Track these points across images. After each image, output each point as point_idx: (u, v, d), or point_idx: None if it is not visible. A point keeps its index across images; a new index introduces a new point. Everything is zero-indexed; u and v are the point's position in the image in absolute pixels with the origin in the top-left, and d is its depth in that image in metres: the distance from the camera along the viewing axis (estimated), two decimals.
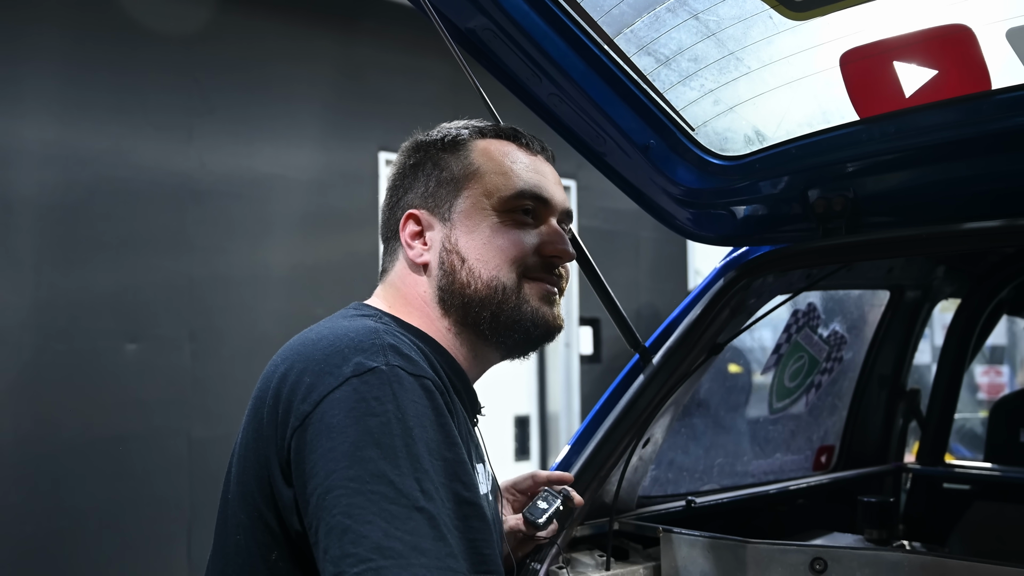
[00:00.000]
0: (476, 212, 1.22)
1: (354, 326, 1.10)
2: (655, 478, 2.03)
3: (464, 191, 1.23)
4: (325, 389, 1.01)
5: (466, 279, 1.20)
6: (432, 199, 1.24)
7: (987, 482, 2.48)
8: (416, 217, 1.24)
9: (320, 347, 1.07)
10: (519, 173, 1.24)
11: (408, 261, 1.24)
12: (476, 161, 1.25)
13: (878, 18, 1.47)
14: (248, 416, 1.13)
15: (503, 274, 1.20)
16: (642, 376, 1.77)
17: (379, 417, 0.98)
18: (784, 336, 2.28)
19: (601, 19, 1.61)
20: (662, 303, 6.12)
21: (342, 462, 0.96)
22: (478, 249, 1.21)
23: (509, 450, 5.51)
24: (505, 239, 1.21)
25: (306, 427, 1.00)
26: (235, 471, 1.13)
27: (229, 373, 4.17)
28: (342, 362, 1.02)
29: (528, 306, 1.22)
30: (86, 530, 3.73)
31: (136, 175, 3.97)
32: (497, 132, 1.30)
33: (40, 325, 3.70)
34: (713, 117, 1.71)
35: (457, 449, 1.03)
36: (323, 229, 4.57)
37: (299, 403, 1.03)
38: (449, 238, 1.22)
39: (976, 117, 1.45)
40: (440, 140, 1.28)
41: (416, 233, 1.24)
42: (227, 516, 1.14)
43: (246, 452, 1.11)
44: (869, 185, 1.64)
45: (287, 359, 1.10)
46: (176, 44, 4.07)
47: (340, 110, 4.67)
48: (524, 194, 1.23)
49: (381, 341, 1.05)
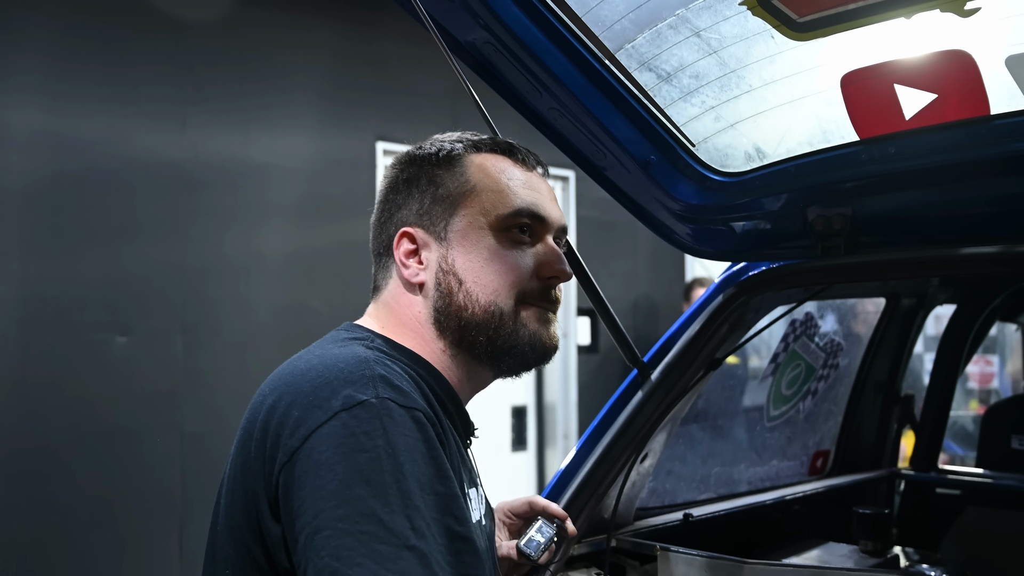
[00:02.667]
0: (473, 231, 1.19)
1: (344, 355, 1.07)
2: (652, 489, 2.04)
3: (460, 209, 1.20)
4: (313, 424, 0.99)
5: (463, 302, 1.18)
6: (427, 217, 1.21)
7: (979, 488, 2.50)
8: (411, 235, 1.21)
9: (309, 378, 1.05)
10: (516, 191, 1.22)
11: (403, 280, 1.22)
12: (472, 178, 1.22)
13: (880, 41, 1.46)
14: (236, 447, 1.11)
15: (501, 299, 1.18)
16: (640, 392, 1.77)
17: (368, 453, 0.96)
18: (782, 345, 2.29)
19: (602, 34, 1.60)
20: (660, 294, 6.12)
21: (330, 501, 0.94)
22: (476, 271, 1.18)
23: (506, 440, 5.52)
24: (503, 262, 1.19)
25: (294, 463, 0.98)
26: (224, 503, 1.11)
27: (222, 366, 4.14)
28: (331, 395, 1.00)
29: (525, 330, 1.20)
30: (76, 525, 3.70)
31: (128, 165, 3.92)
32: (492, 146, 1.26)
33: (28, 318, 3.65)
34: (714, 134, 1.70)
35: (449, 483, 1.02)
36: (319, 219, 4.53)
37: (287, 438, 1.00)
38: (446, 258, 1.19)
39: (975, 141, 1.45)
40: (434, 155, 1.25)
41: (411, 251, 1.21)
42: (215, 549, 1.12)
43: (234, 485, 1.09)
44: (868, 205, 1.64)
45: (275, 389, 1.07)
46: (169, 31, 4.01)
47: (337, 99, 4.62)
48: (521, 212, 1.21)
49: (371, 372, 1.03)
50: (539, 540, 1.39)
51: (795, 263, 1.74)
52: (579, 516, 1.70)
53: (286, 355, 1.23)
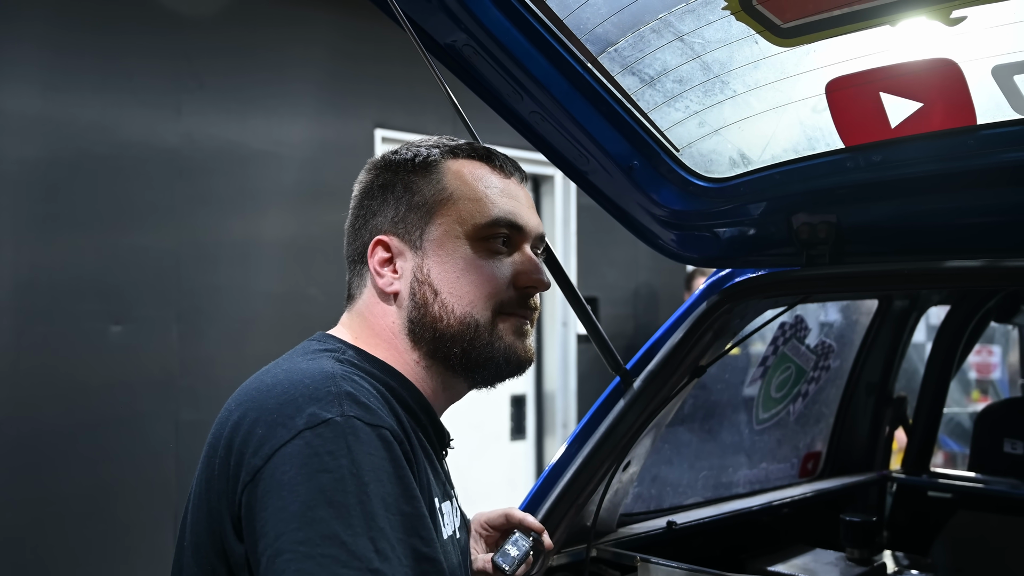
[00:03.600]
0: (449, 240, 1.17)
1: (311, 370, 1.05)
2: (638, 494, 2.02)
3: (436, 217, 1.18)
4: (277, 442, 0.97)
5: (438, 313, 1.16)
6: (402, 224, 1.19)
7: (971, 492, 2.47)
8: (385, 244, 1.19)
9: (274, 394, 1.03)
10: (493, 199, 1.19)
11: (377, 289, 1.19)
12: (448, 185, 1.19)
13: (865, 48, 1.43)
14: (202, 463, 1.10)
15: (477, 311, 1.16)
16: (623, 400, 1.75)
17: (332, 473, 0.94)
18: (771, 348, 2.27)
19: (584, 37, 1.57)
20: (660, 282, 6.09)
21: (292, 523, 0.93)
22: (451, 282, 1.16)
23: (506, 430, 5.52)
24: (479, 273, 1.16)
25: (257, 483, 0.97)
26: (189, 519, 1.10)
27: (217, 355, 4.13)
28: (295, 413, 0.99)
29: (501, 343, 1.17)
30: (71, 516, 3.71)
31: (123, 152, 3.89)
32: (470, 152, 1.23)
33: (21, 307, 3.63)
34: (698, 139, 1.67)
35: (416, 503, 1.00)
36: (316, 207, 4.50)
37: (250, 456, 0.99)
38: (421, 268, 1.17)
39: (961, 151, 1.42)
40: (410, 161, 1.21)
41: (385, 260, 1.19)
42: (182, 565, 1.11)
43: (199, 502, 1.07)
44: (853, 213, 1.61)
45: (241, 405, 1.06)
46: (164, 18, 3.97)
47: (334, 85, 4.58)
48: (499, 222, 1.18)
49: (337, 389, 1.01)
50: (514, 554, 1.38)
51: (780, 271, 1.72)
52: (559, 527, 1.69)
53: (282, 343, 1.22)
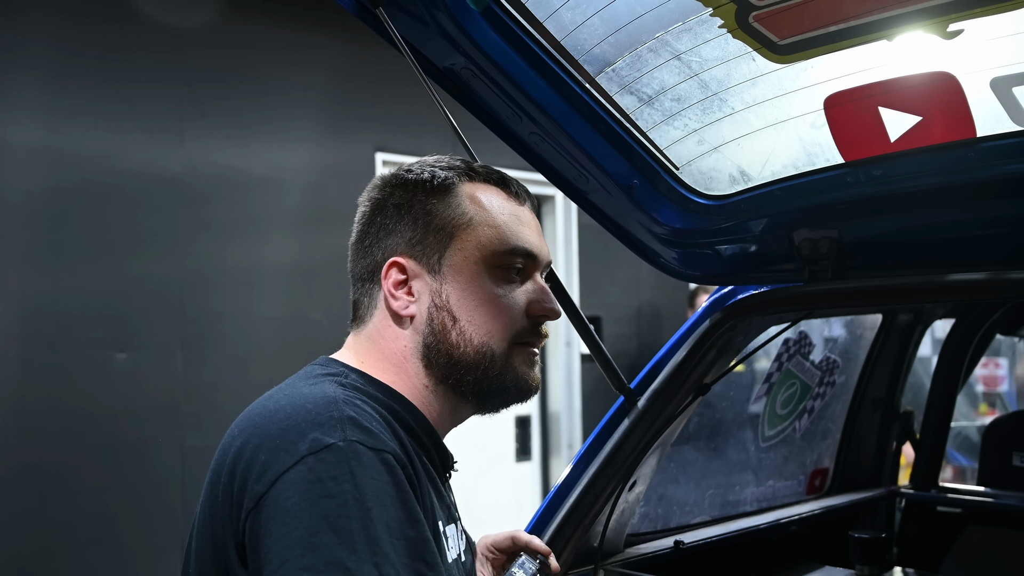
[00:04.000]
0: (467, 267, 1.17)
1: (312, 395, 1.05)
2: (644, 514, 2.01)
3: (455, 242, 1.17)
4: (280, 468, 0.97)
5: (456, 340, 1.16)
6: (420, 247, 1.17)
7: (981, 507, 2.45)
8: (401, 265, 1.17)
9: (276, 420, 1.03)
10: (511, 228, 1.19)
11: (390, 311, 1.18)
12: (468, 210, 1.18)
13: (863, 63, 1.44)
14: (205, 489, 1.10)
15: (494, 341, 1.16)
16: (628, 419, 1.74)
17: (335, 499, 0.94)
18: (775, 365, 2.26)
19: (582, 58, 1.57)
20: (663, 300, 6.08)
21: (296, 550, 0.92)
22: (470, 310, 1.16)
23: (511, 450, 5.50)
24: (497, 303, 1.17)
25: (260, 509, 0.97)
26: (194, 546, 1.10)
27: (222, 381, 4.13)
28: (298, 438, 0.98)
29: (513, 373, 1.18)
30: (78, 544, 3.70)
31: (126, 180, 3.91)
32: (485, 176, 1.23)
33: (27, 335, 3.64)
34: (697, 157, 1.68)
35: (420, 527, 1.00)
36: (318, 231, 4.52)
37: (253, 483, 0.99)
38: (440, 293, 1.16)
39: (961, 164, 1.42)
40: (428, 182, 1.20)
41: (400, 282, 1.17)
42: None
43: (203, 529, 1.07)
44: (855, 228, 1.61)
45: (244, 431, 1.06)
46: (166, 47, 4.01)
47: (335, 111, 4.60)
48: (518, 251, 1.19)
49: (339, 413, 1.01)
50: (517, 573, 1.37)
51: (782, 288, 1.71)
52: (565, 548, 1.68)
53: (287, 368, 1.22)
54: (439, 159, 1.26)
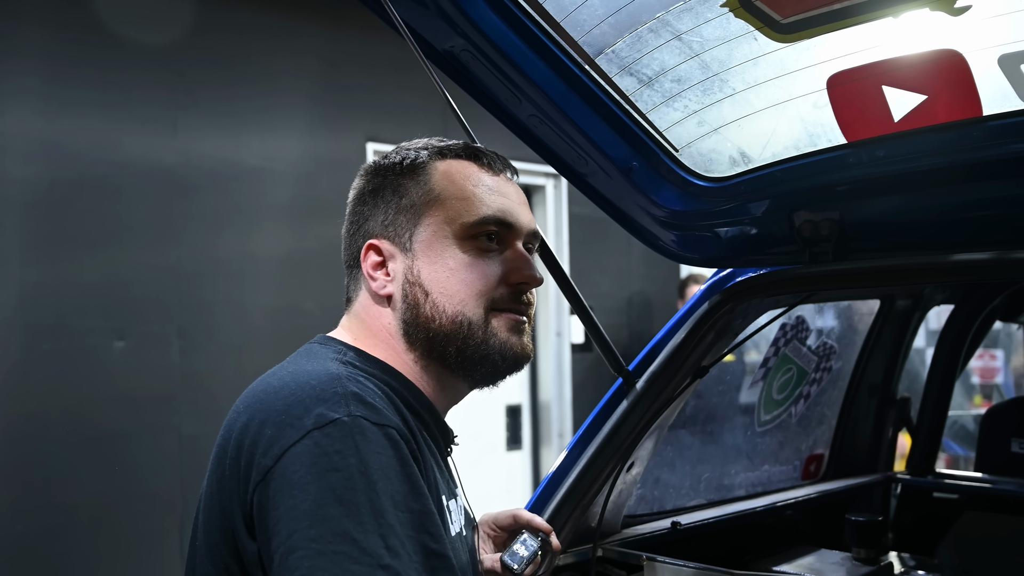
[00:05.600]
0: (437, 241, 1.18)
1: (316, 372, 1.07)
2: (641, 496, 2.01)
3: (424, 218, 1.19)
4: (286, 443, 0.99)
5: (430, 313, 1.17)
6: (392, 227, 1.20)
7: (978, 493, 2.46)
8: (377, 247, 1.20)
9: (281, 396, 1.04)
10: (482, 197, 1.19)
11: (371, 292, 1.21)
12: (436, 186, 1.20)
13: (867, 42, 1.43)
14: (212, 464, 1.11)
15: (468, 309, 1.16)
16: (626, 401, 1.74)
17: (341, 472, 0.96)
18: (772, 350, 2.26)
19: (582, 39, 1.56)
20: (653, 290, 6.09)
21: (303, 521, 0.94)
22: (441, 282, 1.17)
23: (501, 440, 5.50)
24: (470, 271, 1.17)
25: (268, 482, 0.99)
26: (201, 519, 1.12)
27: (218, 368, 4.14)
28: (303, 413, 1.00)
29: (496, 339, 1.17)
30: (78, 528, 3.72)
31: (121, 170, 3.91)
32: (458, 152, 1.24)
33: (27, 323, 3.66)
34: (697, 138, 1.67)
35: (424, 500, 1.01)
36: (311, 221, 4.52)
37: (260, 456, 1.01)
38: (411, 269, 1.18)
39: (967, 143, 1.41)
40: (399, 164, 1.23)
41: (378, 264, 1.20)
42: (195, 565, 1.12)
43: (210, 502, 1.09)
44: (857, 209, 1.60)
45: (249, 407, 1.07)
46: (159, 38, 3.99)
47: (326, 100, 4.60)
48: (488, 220, 1.18)
49: (343, 389, 1.03)
50: (523, 554, 1.37)
51: (782, 270, 1.71)
52: (564, 527, 1.68)
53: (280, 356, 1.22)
54: (416, 141, 1.27)
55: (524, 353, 1.21)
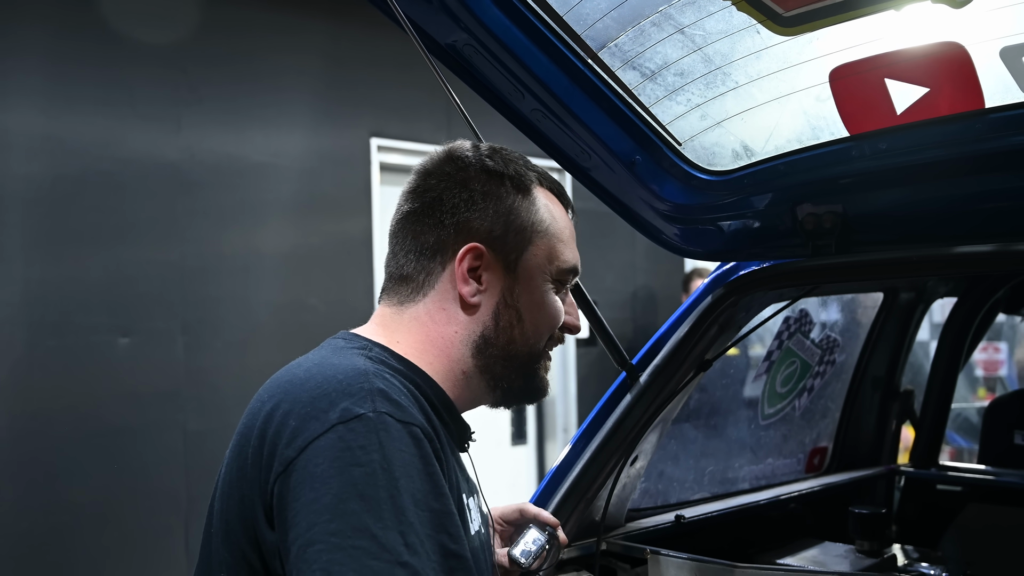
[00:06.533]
0: (539, 274, 1.21)
1: (343, 365, 1.07)
2: (645, 490, 2.02)
3: (532, 247, 1.20)
4: (310, 435, 0.99)
5: (517, 337, 1.20)
6: (500, 242, 1.19)
7: (981, 485, 2.46)
8: (480, 252, 1.18)
9: (307, 388, 1.05)
10: (572, 245, 1.26)
11: (455, 294, 1.18)
12: (544, 219, 1.22)
13: (869, 34, 1.43)
14: (233, 451, 1.11)
15: (540, 344, 1.22)
16: (629, 395, 1.74)
17: (364, 467, 0.96)
18: (775, 343, 2.26)
19: (584, 33, 1.56)
20: (658, 284, 6.10)
21: (324, 515, 0.94)
22: (534, 313, 1.20)
23: (507, 434, 5.52)
24: (554, 311, 1.22)
25: (289, 474, 0.99)
26: (218, 507, 1.11)
27: (223, 365, 4.15)
28: (328, 407, 1.00)
29: (538, 375, 1.24)
30: (83, 525, 3.74)
31: (124, 167, 3.92)
32: (551, 185, 1.27)
33: (31, 320, 3.68)
34: (700, 132, 1.67)
35: (445, 500, 1.01)
36: (315, 216, 4.53)
37: (283, 447, 1.01)
38: (512, 291, 1.19)
39: (969, 136, 1.41)
40: (512, 177, 1.21)
41: (472, 268, 1.18)
42: (211, 551, 1.12)
43: (230, 490, 1.09)
44: (859, 202, 1.60)
45: (273, 396, 1.08)
46: (162, 34, 4.00)
47: (330, 96, 4.61)
48: (575, 271, 1.25)
49: (370, 385, 1.03)
50: (531, 548, 1.39)
51: (785, 263, 1.71)
52: (568, 520, 1.69)
53: (285, 353, 1.22)
54: (506, 153, 1.25)
55: (546, 390, 1.28)
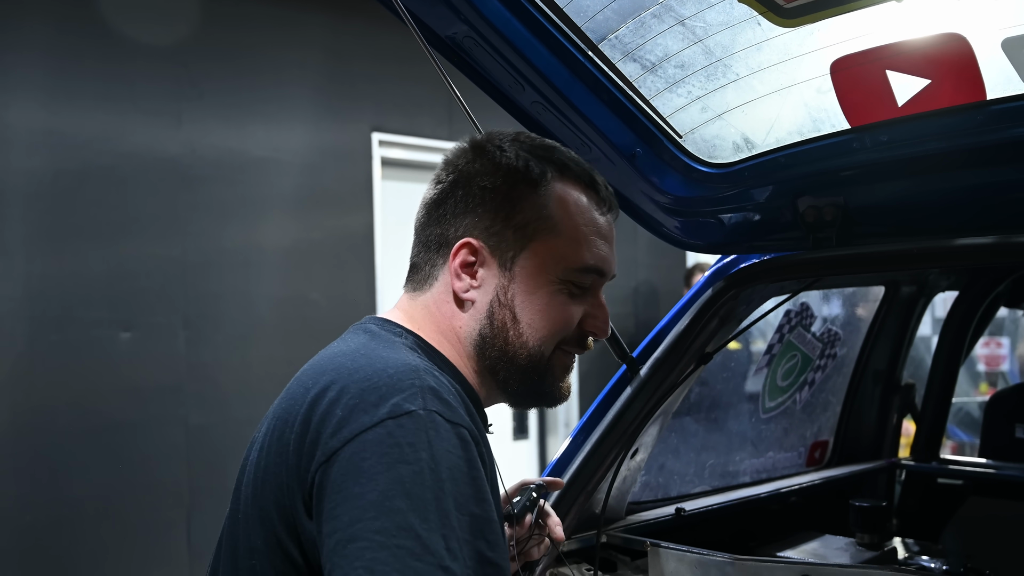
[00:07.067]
0: (540, 274, 1.16)
1: (394, 360, 1.05)
2: (645, 483, 2.02)
3: (533, 244, 1.16)
4: (358, 427, 0.97)
5: (512, 339, 1.17)
6: (497, 238, 1.16)
7: (982, 478, 2.46)
8: (474, 248, 1.16)
9: (357, 379, 1.02)
10: (592, 243, 1.18)
11: (451, 289, 1.18)
12: (553, 213, 1.16)
13: (870, 26, 1.42)
14: (270, 434, 1.08)
15: (545, 346, 1.17)
16: (630, 388, 1.74)
17: (412, 465, 0.94)
18: (776, 336, 2.26)
19: (585, 25, 1.56)
20: (660, 280, 6.09)
21: (369, 511, 0.92)
22: (532, 315, 1.16)
23: (508, 429, 5.52)
24: (559, 312, 1.17)
25: (332, 464, 0.97)
26: (250, 492, 1.08)
27: (224, 359, 4.15)
28: (379, 401, 0.98)
29: (551, 377, 1.20)
30: (85, 519, 3.74)
31: (126, 162, 3.92)
32: (578, 174, 1.20)
33: (33, 315, 3.68)
34: (701, 124, 1.67)
35: (485, 505, 0.99)
36: (316, 211, 4.53)
37: (328, 437, 0.98)
38: (506, 291, 1.16)
39: (971, 128, 1.41)
40: (520, 171, 1.17)
41: (467, 264, 1.17)
42: (237, 538, 1.09)
43: (265, 475, 1.06)
44: (860, 195, 1.60)
45: (319, 381, 1.05)
46: (163, 29, 3.99)
47: (331, 91, 4.60)
48: (588, 270, 1.18)
49: (421, 382, 1.01)
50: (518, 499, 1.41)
51: (786, 255, 1.71)
52: (568, 513, 1.69)
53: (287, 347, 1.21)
54: (534, 142, 1.22)
55: (566, 396, 1.23)
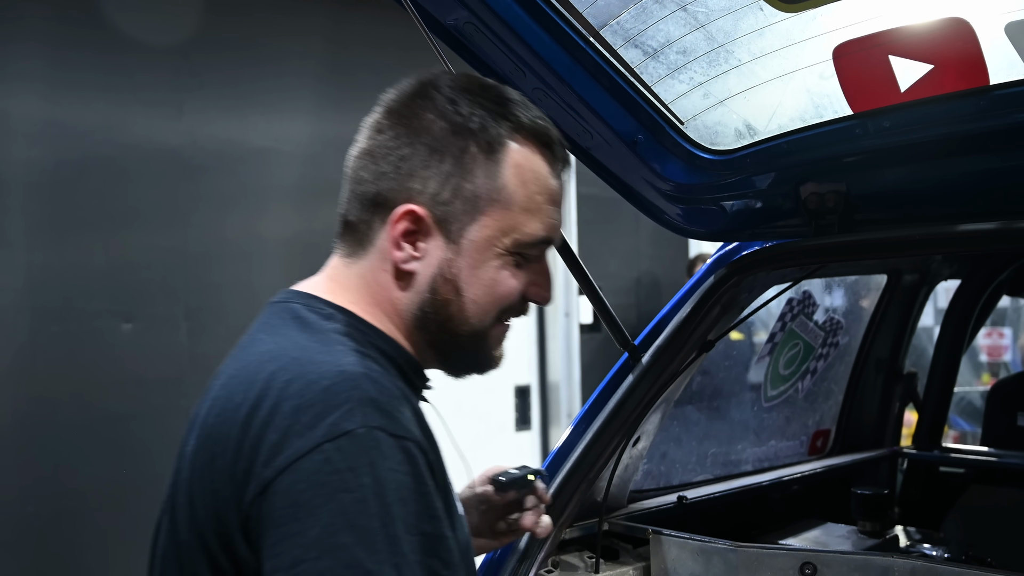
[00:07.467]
0: (488, 248, 1.08)
1: (328, 366, 0.96)
2: (647, 471, 2.02)
3: (483, 217, 1.07)
4: (293, 454, 0.90)
5: (455, 314, 1.09)
6: (444, 208, 1.07)
7: (984, 467, 2.46)
8: (418, 217, 1.06)
9: (289, 392, 0.94)
10: (544, 213, 1.11)
11: (388, 259, 1.09)
12: (508, 183, 1.08)
13: (873, 11, 1.42)
14: (201, 456, 1.01)
15: (487, 320, 1.11)
16: (631, 376, 1.74)
17: (354, 493, 0.88)
18: (778, 325, 2.26)
19: (586, 11, 1.56)
20: (662, 271, 6.09)
21: (312, 551, 0.86)
22: (476, 289, 1.09)
23: (511, 420, 5.52)
24: (504, 287, 1.10)
25: (267, 497, 0.90)
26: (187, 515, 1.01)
27: (226, 350, 4.07)
28: (314, 421, 0.91)
29: (486, 347, 1.14)
30: (88, 510, 3.74)
31: (126, 152, 3.91)
32: (533, 131, 1.10)
33: (34, 307, 3.68)
34: (703, 111, 1.66)
35: (437, 522, 0.95)
36: (318, 202, 4.51)
37: (261, 466, 0.91)
38: (451, 265, 1.08)
39: (973, 113, 1.40)
40: (475, 133, 1.07)
41: (408, 232, 1.07)
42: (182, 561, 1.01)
43: (203, 500, 0.99)
44: (863, 181, 1.60)
45: (248, 396, 0.97)
46: (164, 19, 3.98)
47: (333, 82, 4.59)
48: (539, 243, 1.11)
49: (360, 394, 0.93)
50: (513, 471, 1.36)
51: (788, 242, 1.71)
52: (570, 501, 1.68)
53: None
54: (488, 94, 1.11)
55: (498, 363, 1.18)
